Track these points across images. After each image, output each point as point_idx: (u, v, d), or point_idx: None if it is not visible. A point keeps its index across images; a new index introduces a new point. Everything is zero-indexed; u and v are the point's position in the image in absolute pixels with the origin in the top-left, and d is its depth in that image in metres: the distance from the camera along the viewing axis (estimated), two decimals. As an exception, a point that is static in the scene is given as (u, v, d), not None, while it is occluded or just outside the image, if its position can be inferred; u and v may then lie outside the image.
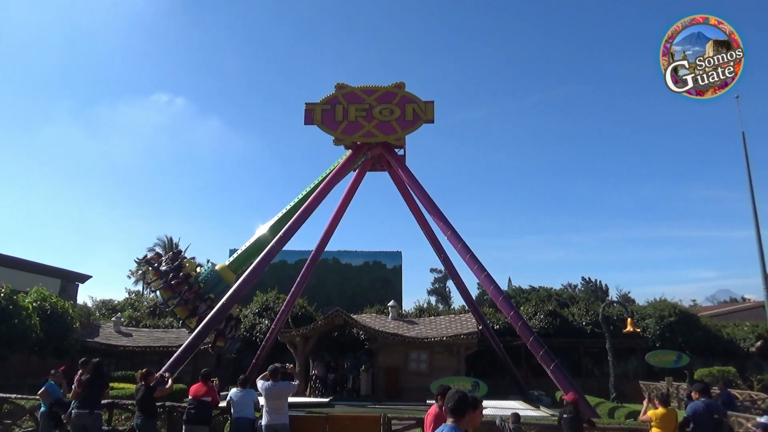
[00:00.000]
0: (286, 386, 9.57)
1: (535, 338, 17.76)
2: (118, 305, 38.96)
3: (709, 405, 8.83)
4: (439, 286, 70.84)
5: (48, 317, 21.68)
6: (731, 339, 29.82)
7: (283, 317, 24.89)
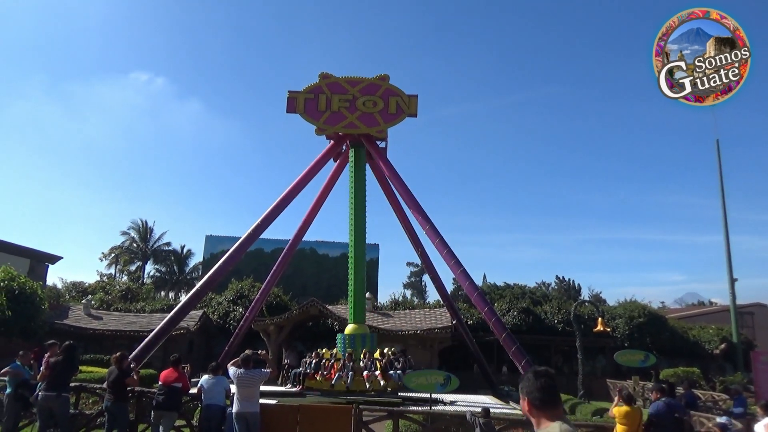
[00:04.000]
0: (259, 374, 9.50)
1: (507, 334, 18.00)
2: (89, 288, 38.36)
3: (669, 404, 9.07)
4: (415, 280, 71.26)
5: (15, 297, 21.22)
6: (697, 341, 30.60)
7: (258, 306, 24.77)
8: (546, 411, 2.69)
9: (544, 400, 2.68)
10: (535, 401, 2.70)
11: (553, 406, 2.69)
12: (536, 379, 2.74)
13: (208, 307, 29.75)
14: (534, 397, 2.70)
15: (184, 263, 57.02)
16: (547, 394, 2.69)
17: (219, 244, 43.46)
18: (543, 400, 2.68)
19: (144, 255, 56.21)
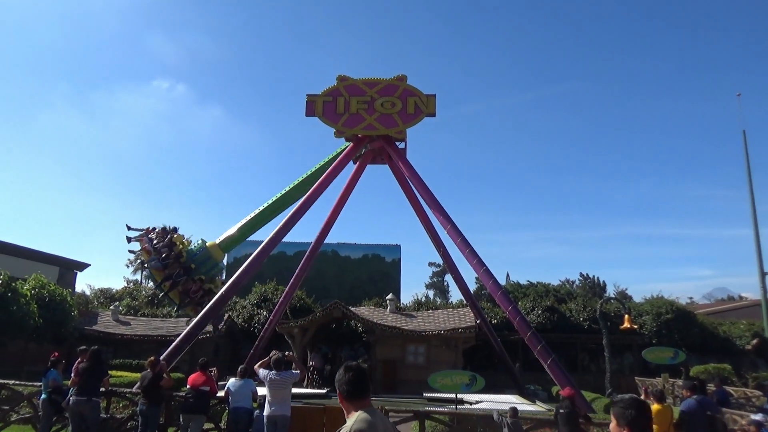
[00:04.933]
0: (290, 375, 9.34)
1: (532, 333, 17.80)
2: (116, 294, 39.04)
3: (701, 402, 8.87)
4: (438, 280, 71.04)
5: (46, 304, 21.70)
6: (727, 337, 29.94)
7: (282, 308, 24.92)
8: (353, 401, 3.09)
9: (350, 391, 3.08)
10: (344, 393, 3.11)
11: (359, 397, 3.09)
12: (345, 373, 3.14)
13: (232, 311, 30.05)
14: (343, 390, 3.11)
15: (208, 268, 57.69)
16: (353, 387, 3.09)
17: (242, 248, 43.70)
18: (350, 392, 3.08)
19: (169, 260, 56.94)
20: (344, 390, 3.12)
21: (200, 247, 20.76)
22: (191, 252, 20.50)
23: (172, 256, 19.50)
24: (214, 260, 20.84)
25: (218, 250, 21.07)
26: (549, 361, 16.84)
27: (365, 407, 3.09)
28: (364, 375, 3.19)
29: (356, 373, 3.16)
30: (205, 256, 20.53)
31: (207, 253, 20.68)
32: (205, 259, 20.52)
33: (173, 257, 19.51)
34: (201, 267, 20.41)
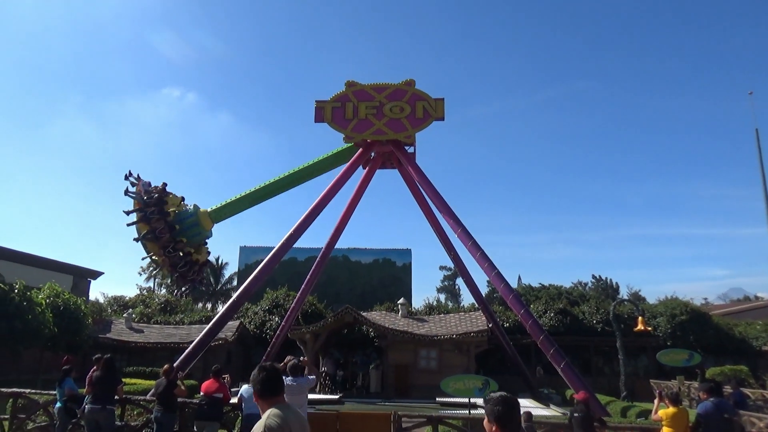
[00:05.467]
0: (306, 381, 9.22)
1: (545, 336, 17.70)
2: (129, 302, 39.32)
3: (718, 405, 8.76)
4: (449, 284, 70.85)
5: (61, 313, 21.91)
6: (743, 338, 29.57)
7: (294, 314, 24.98)
8: (266, 399, 3.34)
9: (263, 390, 3.34)
10: (258, 391, 3.37)
11: (271, 395, 3.34)
12: (259, 373, 3.40)
13: (244, 317, 30.16)
14: (257, 389, 3.36)
15: (219, 274, 57.99)
16: (265, 385, 3.35)
17: (253, 254, 44.05)
18: (262, 391, 3.34)
19: (181, 268, 57.26)
20: (258, 389, 3.36)
21: (191, 212, 20.66)
22: (181, 214, 20.37)
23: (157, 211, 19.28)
24: (202, 227, 20.76)
25: (207, 218, 20.99)
26: (562, 364, 16.74)
27: (277, 404, 3.32)
28: (276, 375, 3.44)
29: (269, 373, 3.40)
30: (193, 221, 20.47)
31: (196, 218, 20.59)
32: (192, 224, 20.45)
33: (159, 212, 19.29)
34: (187, 230, 20.34)
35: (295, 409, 3.51)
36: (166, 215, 19.46)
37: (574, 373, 16.69)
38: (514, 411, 3.02)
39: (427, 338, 24.11)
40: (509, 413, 2.99)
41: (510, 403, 3.03)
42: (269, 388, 3.38)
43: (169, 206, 19.82)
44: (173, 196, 20.63)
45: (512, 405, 3.03)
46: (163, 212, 19.41)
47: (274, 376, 3.43)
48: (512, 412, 3.01)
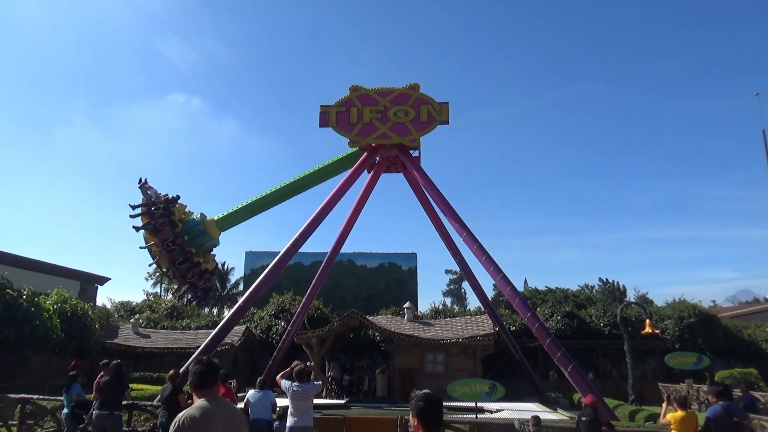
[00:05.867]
0: (313, 387, 9.19)
1: (552, 340, 17.62)
2: (136, 307, 39.43)
3: (728, 408, 8.68)
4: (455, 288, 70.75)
5: (68, 319, 22.01)
6: (753, 340, 29.32)
7: (300, 319, 24.98)
8: (197, 390, 3.55)
9: (197, 383, 3.53)
10: (192, 384, 3.57)
11: (202, 387, 3.54)
12: (194, 365, 3.58)
13: (250, 322, 30.18)
14: (191, 381, 3.57)
15: (225, 279, 58.09)
16: (199, 379, 3.54)
17: (259, 259, 44.13)
18: (196, 383, 3.54)
19: (187, 273, 57.41)
20: (191, 381, 3.57)
21: (198, 221, 20.72)
22: (188, 223, 20.43)
23: (167, 222, 19.37)
24: (209, 235, 20.82)
25: (215, 226, 21.06)
26: (569, 367, 16.66)
27: (208, 396, 3.52)
28: (212, 369, 3.62)
29: (205, 366, 3.59)
30: (200, 231, 20.52)
31: (203, 227, 20.64)
32: (200, 233, 20.51)
33: (168, 223, 19.37)
34: (195, 240, 20.41)
35: (227, 404, 3.68)
36: (174, 225, 19.55)
37: (581, 377, 16.60)
38: (436, 408, 3.18)
39: (434, 342, 24.04)
40: (430, 409, 3.15)
41: (432, 400, 3.19)
42: (202, 381, 3.57)
43: (176, 216, 19.88)
44: (180, 205, 20.71)
45: (434, 402, 3.20)
46: (171, 222, 19.50)
47: (210, 370, 3.61)
48: (433, 409, 3.17)
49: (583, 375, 17.00)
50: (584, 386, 16.09)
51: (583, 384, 16.28)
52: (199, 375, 3.57)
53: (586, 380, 16.68)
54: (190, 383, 3.60)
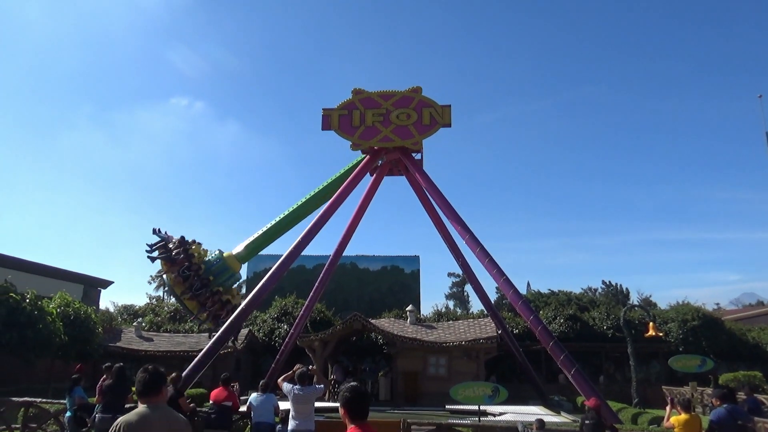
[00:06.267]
0: (314, 390, 9.21)
1: (555, 343, 17.59)
2: (139, 310, 39.49)
3: (732, 411, 8.64)
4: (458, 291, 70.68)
5: (71, 322, 22.04)
6: (757, 343, 29.22)
7: (302, 322, 24.97)
8: (143, 398, 3.71)
9: (140, 390, 3.70)
10: (137, 390, 3.74)
11: (145, 395, 3.70)
12: (140, 373, 3.75)
13: (253, 325, 30.19)
14: (137, 388, 3.73)
15: (228, 283, 58.06)
16: (143, 386, 3.71)
17: (261, 262, 44.04)
18: (140, 391, 3.70)
19: (190, 276, 57.45)
20: (138, 389, 3.74)
21: (217, 258, 20.71)
22: (209, 263, 20.46)
23: (192, 268, 19.41)
24: (231, 271, 20.78)
25: (235, 260, 21.06)
26: (573, 370, 16.62)
27: (150, 403, 3.66)
28: (156, 377, 3.75)
29: (150, 375, 3.74)
30: (221, 267, 20.48)
31: (224, 264, 20.61)
32: (222, 270, 20.47)
33: (193, 269, 19.42)
34: (218, 278, 20.40)
35: (170, 412, 3.81)
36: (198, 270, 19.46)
37: (584, 380, 16.55)
38: (362, 399, 3.41)
39: (436, 345, 24.01)
40: (356, 400, 3.37)
41: (358, 392, 3.43)
42: (145, 389, 3.71)
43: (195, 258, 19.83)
44: (196, 245, 20.76)
45: (361, 394, 3.43)
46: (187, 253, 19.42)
47: (153, 378, 3.74)
48: (359, 400, 3.39)
49: (586, 378, 16.94)
50: (588, 389, 16.05)
51: (586, 387, 16.23)
52: (142, 383, 3.72)
53: (589, 383, 16.62)
54: (135, 390, 3.77)
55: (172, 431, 3.62)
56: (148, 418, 3.55)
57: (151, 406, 3.65)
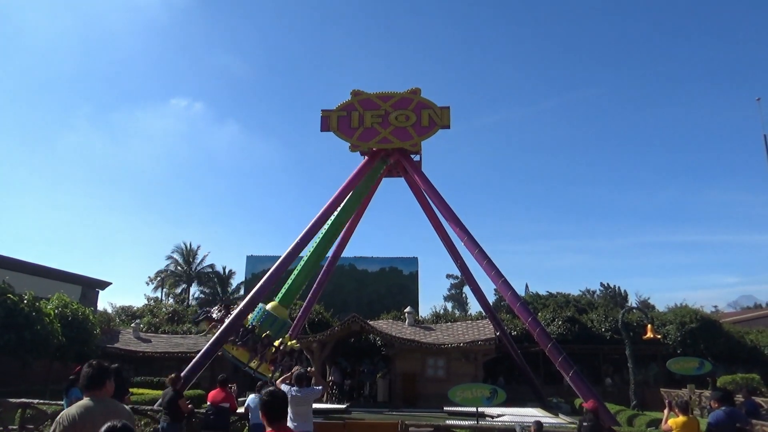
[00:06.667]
0: (312, 392, 9.19)
1: (553, 345, 17.59)
2: (137, 311, 39.44)
3: (730, 414, 8.65)
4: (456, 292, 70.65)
5: (69, 323, 22.00)
6: (755, 345, 29.23)
7: (300, 323, 24.95)
8: (87, 391, 3.89)
9: (84, 384, 3.88)
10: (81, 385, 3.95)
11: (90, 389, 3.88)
12: (85, 368, 3.97)
13: (251, 327, 30.11)
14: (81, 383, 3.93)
15: (226, 284, 58.06)
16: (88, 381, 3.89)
17: (260, 263, 44.14)
18: (84, 385, 3.89)
19: (188, 277, 57.51)
20: (82, 383, 3.91)
21: (264, 313, 20.20)
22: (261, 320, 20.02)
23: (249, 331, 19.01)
24: (282, 319, 20.44)
25: (279, 308, 20.57)
26: (570, 372, 16.62)
27: (94, 397, 3.83)
28: (100, 372, 3.94)
29: (94, 370, 3.93)
30: (271, 320, 20.06)
31: (272, 316, 20.13)
32: (272, 322, 20.06)
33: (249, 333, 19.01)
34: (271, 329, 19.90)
35: (114, 404, 3.95)
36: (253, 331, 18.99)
37: (582, 382, 16.55)
38: (278, 402, 3.68)
39: (435, 347, 24.00)
40: (273, 404, 3.63)
41: (275, 396, 3.69)
42: (90, 383, 3.89)
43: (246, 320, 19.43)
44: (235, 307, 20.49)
45: (277, 398, 3.69)
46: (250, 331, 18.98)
47: (97, 373, 3.92)
48: (276, 404, 3.65)
49: (584, 380, 16.94)
50: (586, 391, 16.05)
51: (584, 389, 16.23)
52: (87, 377, 3.90)
53: (587, 385, 16.62)
54: (80, 384, 3.95)
55: None
56: (90, 410, 3.66)
57: (94, 399, 3.78)
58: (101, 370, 3.95)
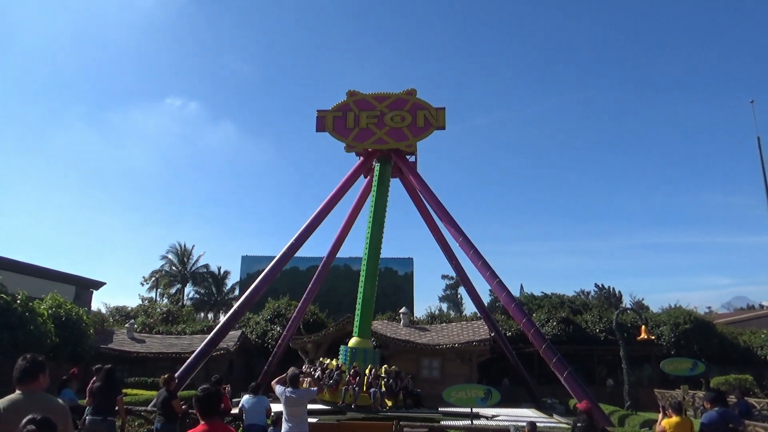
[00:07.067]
0: (307, 393, 9.10)
1: (548, 345, 17.63)
2: (131, 312, 39.28)
3: (723, 414, 8.67)
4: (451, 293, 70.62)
5: (63, 324, 21.88)
6: (748, 346, 29.38)
7: (295, 324, 24.92)
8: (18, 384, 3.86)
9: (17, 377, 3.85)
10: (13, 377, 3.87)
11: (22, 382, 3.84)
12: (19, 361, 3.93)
13: (246, 327, 30.09)
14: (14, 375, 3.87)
15: (221, 284, 57.86)
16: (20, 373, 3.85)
17: (255, 264, 44.04)
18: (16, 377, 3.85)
19: (183, 278, 57.26)
20: (14, 376, 3.87)
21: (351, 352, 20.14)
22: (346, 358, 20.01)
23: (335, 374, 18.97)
24: (370, 351, 20.41)
25: (361, 340, 20.48)
26: (565, 373, 16.66)
27: (26, 390, 3.79)
28: (33, 365, 3.88)
29: (27, 363, 3.89)
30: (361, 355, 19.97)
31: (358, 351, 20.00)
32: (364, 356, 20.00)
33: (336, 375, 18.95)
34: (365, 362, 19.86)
35: (45, 398, 3.90)
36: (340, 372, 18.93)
37: (577, 383, 16.59)
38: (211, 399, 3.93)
39: (430, 347, 24.02)
40: (205, 399, 3.90)
41: (208, 392, 3.97)
42: (21, 376, 3.86)
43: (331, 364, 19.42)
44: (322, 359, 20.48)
45: (209, 394, 3.97)
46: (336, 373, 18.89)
47: (30, 366, 3.88)
48: (208, 399, 3.92)
49: (579, 380, 16.97)
50: (580, 392, 16.09)
51: (578, 389, 16.27)
52: (19, 370, 3.86)
53: (581, 386, 16.66)
54: (13, 377, 3.89)
55: None
56: (19, 403, 3.65)
57: (25, 393, 3.76)
58: (35, 363, 3.90)
